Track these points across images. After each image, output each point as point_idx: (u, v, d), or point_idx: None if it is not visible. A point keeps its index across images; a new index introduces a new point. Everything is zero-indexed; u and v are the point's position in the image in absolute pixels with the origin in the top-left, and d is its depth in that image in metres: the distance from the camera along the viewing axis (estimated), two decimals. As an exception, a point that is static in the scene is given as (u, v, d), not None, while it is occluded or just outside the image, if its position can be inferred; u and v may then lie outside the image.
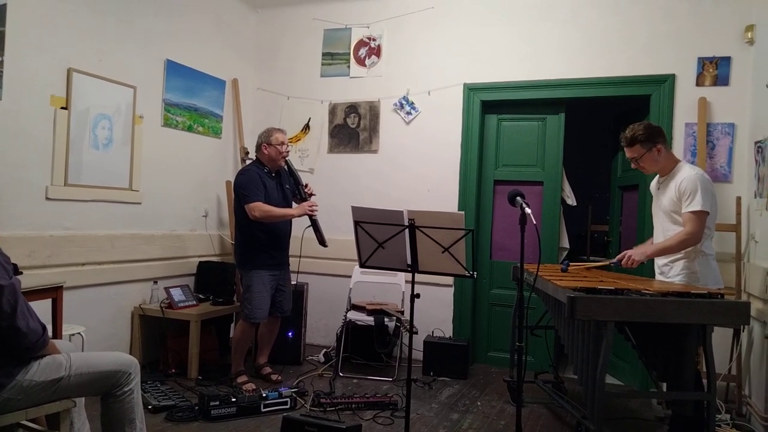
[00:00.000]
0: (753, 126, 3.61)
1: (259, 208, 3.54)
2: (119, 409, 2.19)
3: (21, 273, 2.54)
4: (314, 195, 3.83)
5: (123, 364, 2.21)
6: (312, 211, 3.64)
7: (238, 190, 3.64)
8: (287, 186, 3.82)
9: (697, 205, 2.70)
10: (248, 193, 3.57)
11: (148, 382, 3.48)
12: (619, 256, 2.89)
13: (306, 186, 3.82)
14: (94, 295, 3.67)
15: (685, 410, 2.67)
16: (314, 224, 3.67)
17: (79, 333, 3.26)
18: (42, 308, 2.57)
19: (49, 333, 2.15)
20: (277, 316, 3.86)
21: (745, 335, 3.43)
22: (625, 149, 2.97)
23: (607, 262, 3.12)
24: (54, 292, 2.85)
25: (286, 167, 3.81)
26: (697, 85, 3.85)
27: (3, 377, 1.96)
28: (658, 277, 3.04)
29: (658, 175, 3.04)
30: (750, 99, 3.68)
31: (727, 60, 3.78)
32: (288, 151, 3.76)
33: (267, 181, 3.67)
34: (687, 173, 2.80)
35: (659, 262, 3.01)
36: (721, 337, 3.29)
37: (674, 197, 2.81)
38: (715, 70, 3.81)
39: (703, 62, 3.84)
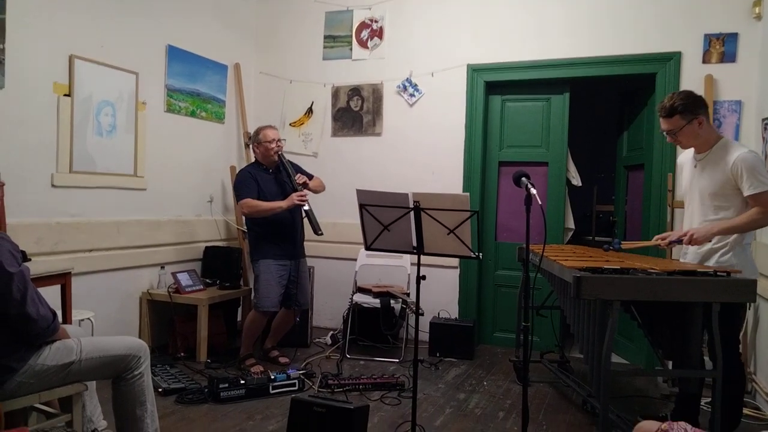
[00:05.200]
0: (760, 103, 3.57)
1: (246, 204, 3.60)
2: (130, 392, 2.23)
3: (29, 260, 2.55)
4: (308, 185, 3.78)
5: (132, 348, 2.24)
6: (301, 201, 3.62)
7: (233, 190, 3.78)
8: (286, 180, 3.80)
9: (764, 186, 2.48)
10: (239, 192, 3.68)
11: (158, 366, 3.52)
12: (680, 235, 2.68)
13: (298, 177, 3.76)
14: (102, 281, 3.70)
15: (691, 388, 2.68)
16: (307, 214, 3.66)
17: (88, 318, 3.29)
18: (51, 294, 2.60)
19: (59, 319, 2.17)
20: (294, 310, 3.88)
21: (751, 313, 3.43)
22: (661, 120, 2.68)
23: (662, 244, 2.80)
24: (62, 279, 2.87)
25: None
26: (704, 62, 3.81)
27: (16, 362, 1.99)
28: None
29: (693, 150, 2.76)
30: (757, 76, 3.64)
31: (734, 36, 3.73)
32: (280, 146, 3.75)
33: (261, 176, 3.71)
34: (740, 151, 2.55)
35: (687, 255, 2.83)
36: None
37: (722, 177, 2.58)
38: (722, 47, 3.76)
39: (709, 39, 3.79)
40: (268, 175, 3.76)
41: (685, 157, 2.87)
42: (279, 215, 3.65)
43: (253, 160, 3.92)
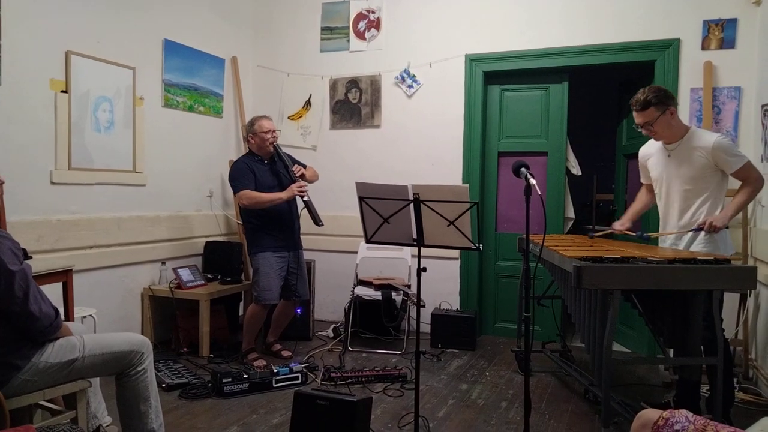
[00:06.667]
0: (760, 89, 3.56)
1: (245, 196, 3.59)
2: (134, 388, 2.23)
3: (30, 258, 2.56)
4: (305, 176, 3.77)
5: (135, 344, 2.24)
6: (301, 191, 3.63)
7: (230, 181, 3.75)
8: (282, 171, 3.80)
9: (742, 160, 2.72)
10: (236, 183, 3.65)
11: (161, 361, 3.53)
12: (699, 224, 2.76)
13: (296, 167, 3.74)
14: (104, 277, 3.70)
15: (692, 375, 2.70)
16: (307, 205, 3.66)
17: (90, 315, 3.30)
18: (53, 292, 2.60)
19: (62, 316, 2.17)
20: (294, 301, 3.90)
21: (752, 300, 3.44)
22: (635, 114, 2.85)
23: (688, 231, 2.84)
24: (64, 276, 2.87)
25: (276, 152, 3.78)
26: (703, 48, 3.79)
27: (19, 360, 2.00)
28: None
29: (661, 143, 2.93)
30: (757, 61, 3.63)
31: (733, 22, 3.71)
32: (276, 137, 3.75)
33: (257, 168, 3.69)
34: (711, 138, 2.75)
35: (670, 238, 2.97)
36: (727, 301, 3.30)
37: (702, 162, 2.75)
38: (721, 33, 3.74)
39: (708, 25, 3.77)
40: (263, 165, 3.74)
41: (650, 149, 3.06)
42: (276, 206, 3.65)
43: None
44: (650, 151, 3.06)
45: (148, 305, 4.00)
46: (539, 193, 2.26)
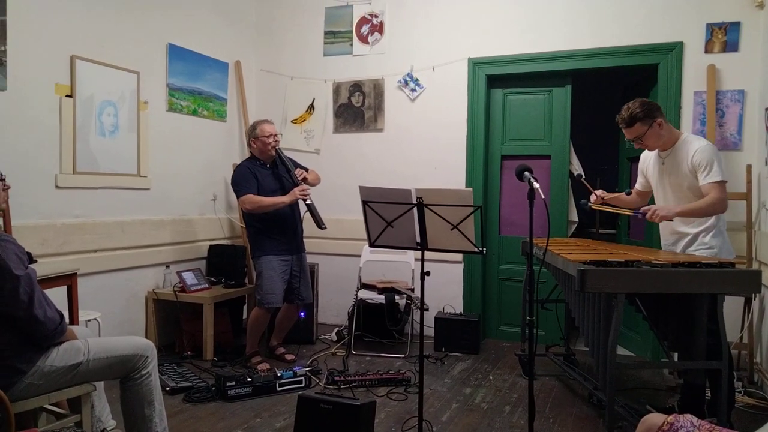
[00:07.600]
0: (763, 92, 3.55)
1: (248, 200, 3.60)
2: (138, 392, 2.24)
3: (35, 261, 2.57)
4: (307, 179, 3.77)
5: (139, 347, 2.25)
6: (303, 195, 3.64)
7: (232, 186, 3.76)
8: (284, 175, 3.80)
9: (717, 176, 2.65)
10: (239, 188, 3.66)
11: (165, 365, 3.54)
12: (644, 208, 2.79)
13: (298, 171, 3.75)
14: (108, 281, 3.71)
15: (696, 379, 2.69)
16: (309, 208, 3.67)
17: (95, 319, 3.31)
18: (57, 295, 2.61)
19: (66, 320, 2.18)
20: (297, 304, 3.90)
21: (757, 303, 3.43)
22: (624, 131, 2.85)
23: (630, 212, 3.03)
24: (68, 279, 2.88)
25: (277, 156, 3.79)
26: (706, 52, 3.79)
27: (24, 364, 2.00)
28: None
29: (657, 150, 2.93)
30: (760, 65, 3.62)
31: (736, 25, 3.71)
32: (277, 141, 3.75)
33: (259, 172, 3.70)
34: (698, 144, 2.73)
35: (667, 240, 2.99)
36: (732, 305, 3.29)
37: (687, 171, 2.75)
38: (725, 36, 3.74)
39: (711, 28, 3.77)
40: (265, 170, 3.76)
41: (649, 155, 3.05)
42: (279, 210, 3.66)
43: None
44: (649, 158, 3.06)
45: (152, 309, 4.01)
46: (543, 196, 2.26)
